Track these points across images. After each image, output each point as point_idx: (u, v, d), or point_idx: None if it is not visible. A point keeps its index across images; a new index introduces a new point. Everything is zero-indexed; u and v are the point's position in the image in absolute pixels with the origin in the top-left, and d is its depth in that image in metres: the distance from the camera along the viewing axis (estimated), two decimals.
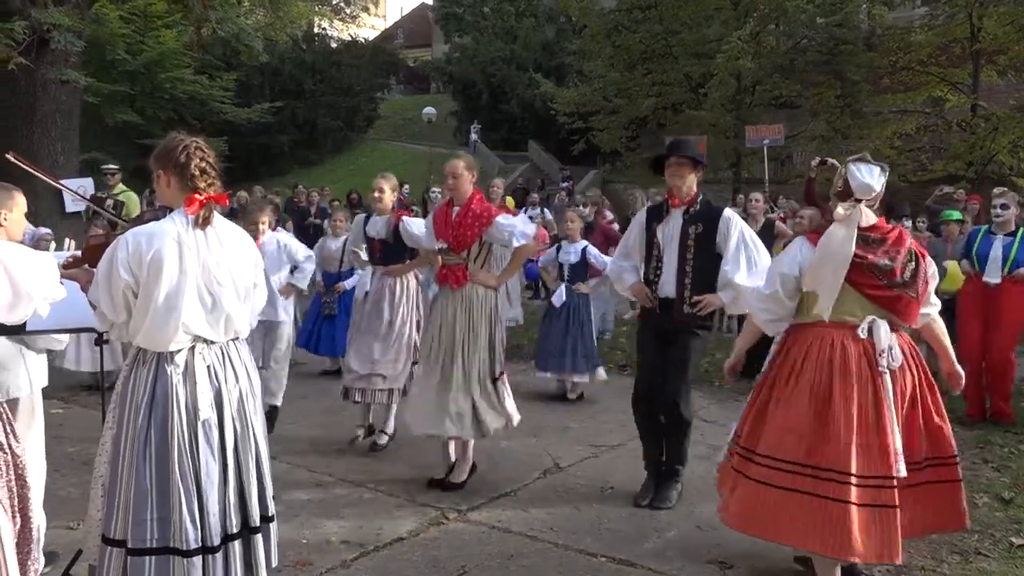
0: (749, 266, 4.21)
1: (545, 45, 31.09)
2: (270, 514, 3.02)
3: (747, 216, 7.65)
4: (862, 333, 3.23)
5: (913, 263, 3.28)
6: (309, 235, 11.29)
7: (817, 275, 3.27)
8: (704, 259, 4.29)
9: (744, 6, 19.98)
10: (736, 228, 4.28)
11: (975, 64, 18.41)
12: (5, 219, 3.13)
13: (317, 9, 34.05)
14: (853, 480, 3.10)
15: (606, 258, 6.49)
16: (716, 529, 4.08)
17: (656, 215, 4.46)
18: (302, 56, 32.24)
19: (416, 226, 5.11)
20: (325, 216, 12.97)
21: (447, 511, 4.27)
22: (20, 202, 3.23)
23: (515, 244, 4.57)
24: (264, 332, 5.66)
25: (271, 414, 5.51)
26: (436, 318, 4.63)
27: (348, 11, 39.06)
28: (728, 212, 4.37)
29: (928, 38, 18.36)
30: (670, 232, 4.35)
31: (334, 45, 36.13)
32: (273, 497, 3.03)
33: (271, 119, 28.28)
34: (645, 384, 4.50)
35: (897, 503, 3.12)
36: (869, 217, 3.30)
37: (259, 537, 2.95)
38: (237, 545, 2.88)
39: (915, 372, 3.31)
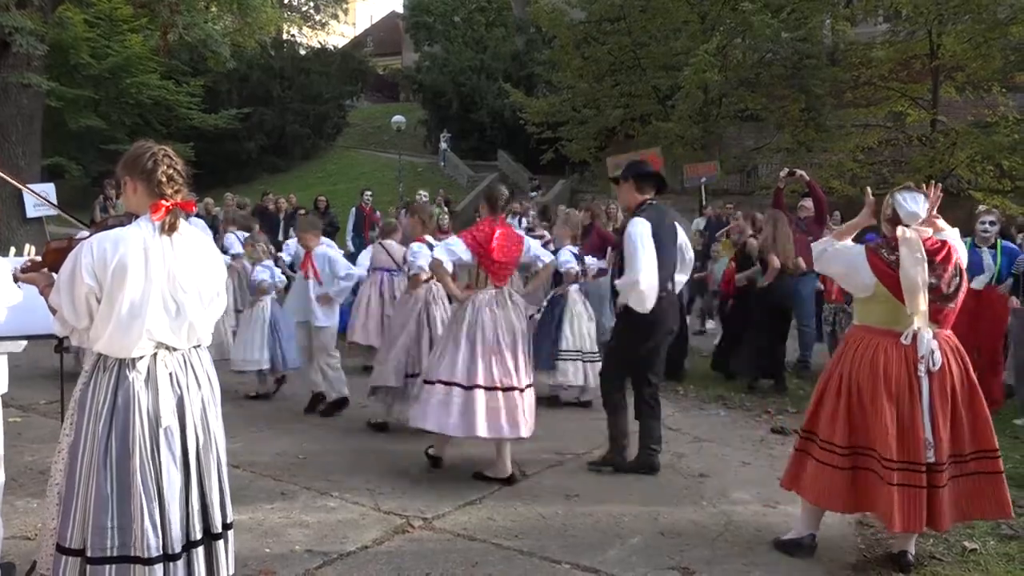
0: (629, 267, 4.83)
1: (515, 55, 31.21)
2: (229, 521, 3.01)
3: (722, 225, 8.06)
4: (905, 340, 3.65)
5: (957, 278, 3.72)
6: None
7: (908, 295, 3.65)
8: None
9: (711, 20, 20.31)
10: (627, 233, 4.89)
11: (934, 80, 18.87)
12: None
13: (286, 16, 33.94)
14: (894, 465, 3.58)
15: (590, 260, 7.14)
16: (680, 535, 4.14)
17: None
18: (270, 63, 32.03)
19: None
20: (292, 223, 12.91)
21: (412, 519, 4.26)
22: None
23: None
24: (307, 334, 6.40)
25: (341, 403, 6.39)
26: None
27: (317, 18, 38.97)
28: (632, 220, 4.93)
29: (889, 54, 18.78)
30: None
31: (303, 52, 35.94)
32: (234, 507, 3.01)
33: (239, 125, 28.11)
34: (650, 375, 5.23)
35: (926, 484, 3.57)
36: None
37: (220, 543, 2.94)
38: (200, 552, 2.86)
39: (957, 370, 3.69)
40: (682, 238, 5.22)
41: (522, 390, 4.88)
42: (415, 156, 31.74)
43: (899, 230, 3.73)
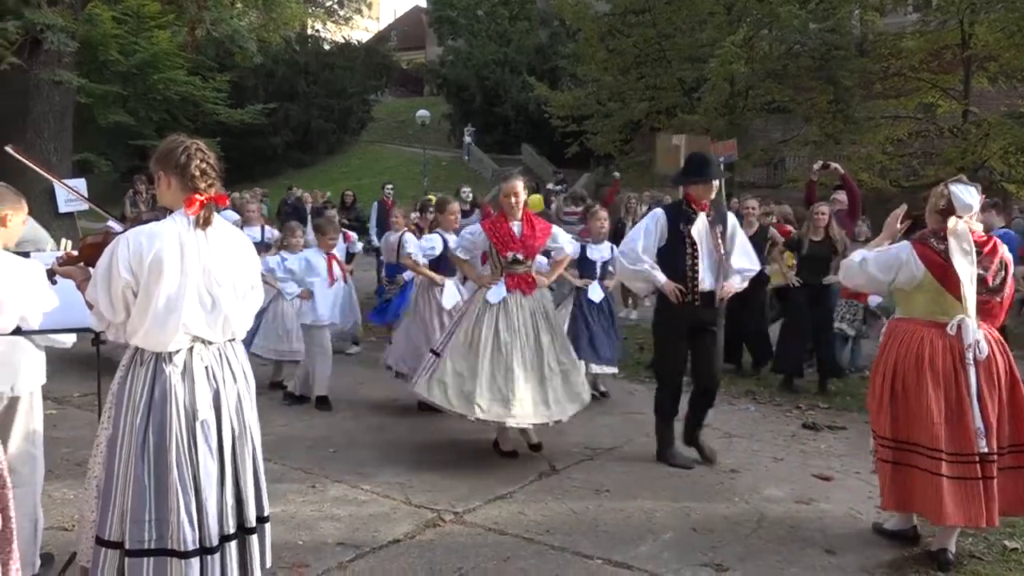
0: (752, 257, 5.13)
1: (539, 48, 31.11)
2: (265, 514, 3.02)
3: (741, 220, 7.74)
4: (951, 330, 3.66)
5: (1003, 272, 3.76)
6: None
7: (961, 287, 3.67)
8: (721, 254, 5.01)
9: (737, 11, 20.06)
10: (738, 228, 5.17)
11: (966, 70, 18.51)
12: (10, 221, 3.11)
13: (310, 11, 34.04)
14: (943, 456, 3.58)
15: None
16: (712, 531, 4.11)
17: (683, 216, 4.99)
18: (295, 58, 32.20)
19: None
20: (319, 217, 12.97)
21: (443, 513, 4.26)
22: (25, 210, 3.23)
23: (567, 251, 5.45)
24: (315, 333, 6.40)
25: (303, 400, 6.42)
26: (513, 321, 5.02)
27: (341, 13, 39.04)
28: (731, 214, 5.29)
29: (919, 44, 18.44)
30: (701, 232, 4.96)
31: (327, 47, 36.08)
32: (268, 498, 3.03)
33: (264, 121, 28.23)
34: (677, 373, 5.18)
35: (980, 475, 3.56)
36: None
37: (255, 538, 2.95)
38: (234, 546, 2.88)
39: (1002, 361, 3.72)
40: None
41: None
42: (439, 150, 31.79)
43: (951, 221, 3.73)
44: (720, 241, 4.99)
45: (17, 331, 3.07)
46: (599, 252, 6.78)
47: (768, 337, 7.79)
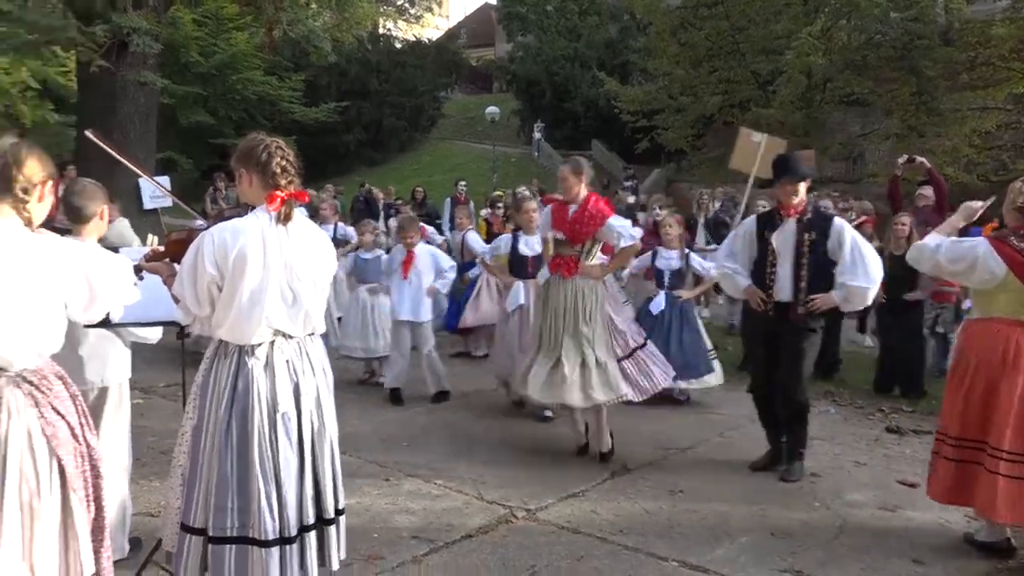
0: (864, 271, 4.58)
1: (609, 43, 30.86)
2: (341, 507, 3.06)
3: None
4: None
5: None
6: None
7: None
8: (816, 264, 4.65)
9: (814, 1, 19.51)
10: (848, 236, 4.62)
11: None
12: (101, 217, 3.22)
13: (382, 10, 34.49)
14: (1004, 455, 3.58)
15: (708, 264, 6.46)
16: (791, 536, 3.99)
17: (769, 223, 4.79)
18: (367, 56, 32.67)
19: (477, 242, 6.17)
20: (391, 214, 13.16)
21: (516, 510, 4.26)
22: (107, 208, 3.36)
23: (622, 244, 5.04)
24: (411, 330, 6.43)
25: (443, 396, 6.47)
26: (550, 303, 5.06)
27: (412, 12, 39.43)
28: (839, 221, 4.76)
29: (1010, 32, 17.60)
30: (785, 239, 4.69)
31: (398, 45, 36.52)
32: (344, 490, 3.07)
33: (338, 119, 28.77)
34: (759, 379, 4.99)
35: None
36: None
37: (333, 529, 3.00)
38: (313, 536, 2.92)
39: None
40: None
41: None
42: (508, 147, 31.84)
43: None
44: (806, 250, 4.64)
45: (107, 324, 3.18)
46: (666, 260, 6.56)
47: (839, 339, 7.50)
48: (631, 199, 17.75)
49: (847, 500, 4.51)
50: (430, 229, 9.20)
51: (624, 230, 5.05)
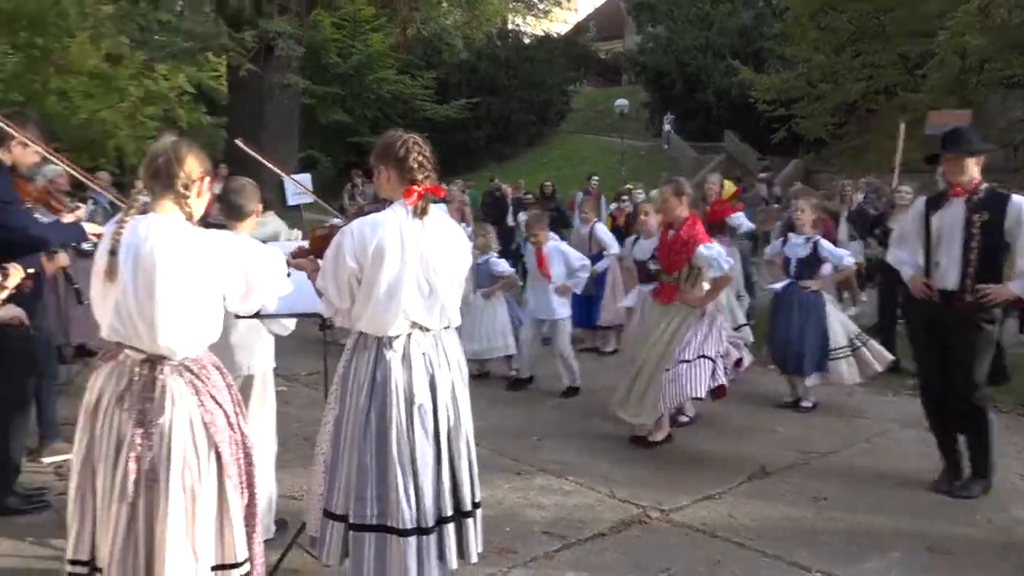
0: None
1: (742, 31, 29.84)
2: (478, 500, 3.07)
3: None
4: None
5: None
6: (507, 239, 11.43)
7: None
8: (989, 248, 4.13)
9: None
10: None
11: None
12: (256, 214, 3.38)
13: (511, 6, 34.79)
14: None
15: (840, 251, 6.13)
16: (950, 553, 3.71)
17: (935, 204, 4.34)
18: (497, 52, 32.99)
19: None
20: (520, 208, 13.22)
21: (649, 510, 4.16)
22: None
23: (711, 274, 4.86)
24: (547, 328, 6.59)
25: (573, 392, 6.48)
26: (645, 324, 5.15)
27: (541, 7, 39.56)
28: (1017, 199, 4.13)
29: None
30: (950, 221, 4.22)
31: (527, 41, 36.70)
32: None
33: (467, 115, 29.24)
34: (927, 380, 4.57)
35: None
36: None
37: (470, 522, 3.01)
38: (451, 528, 2.95)
39: None
40: None
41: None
42: (637, 140, 31.38)
43: None
44: (976, 232, 4.10)
45: (256, 315, 3.32)
46: (793, 248, 6.17)
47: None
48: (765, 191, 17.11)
49: (1013, 515, 4.14)
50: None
51: (714, 259, 4.80)
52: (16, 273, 2.76)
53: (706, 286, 4.95)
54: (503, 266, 6.94)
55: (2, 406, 3.89)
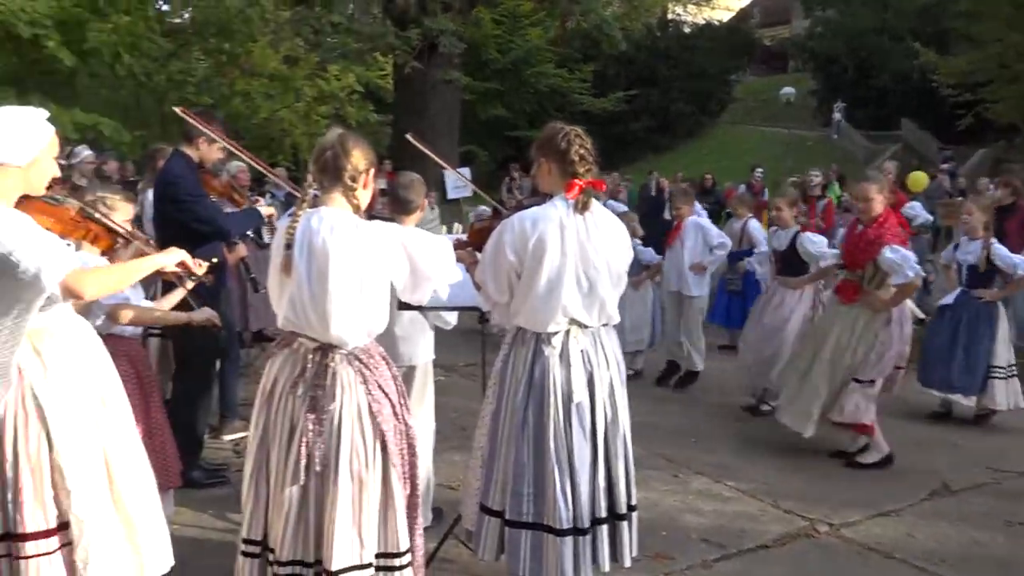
0: None
1: (923, 10, 27.73)
2: (634, 502, 2.99)
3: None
4: None
5: None
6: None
7: None
8: None
9: None
10: None
11: None
12: (422, 209, 3.45)
13: None
14: None
15: (1017, 258, 5.39)
16: None
17: None
18: (656, 43, 32.39)
19: (813, 243, 5.39)
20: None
21: (816, 523, 3.91)
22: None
23: (894, 280, 4.52)
24: (678, 303, 6.39)
25: (689, 378, 6.46)
26: (822, 324, 4.89)
27: None
28: None
29: None
30: None
31: (687, 30, 35.81)
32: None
33: (625, 107, 28.90)
34: None
35: None
36: None
37: (625, 524, 2.94)
38: (605, 530, 2.89)
39: None
40: None
41: None
42: (803, 129, 29.92)
43: None
44: None
45: (418, 307, 3.38)
46: (964, 254, 5.58)
47: None
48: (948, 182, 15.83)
49: None
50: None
51: (898, 264, 4.40)
52: (203, 266, 2.93)
53: (892, 290, 4.58)
54: (650, 254, 6.76)
55: (190, 388, 4.20)
